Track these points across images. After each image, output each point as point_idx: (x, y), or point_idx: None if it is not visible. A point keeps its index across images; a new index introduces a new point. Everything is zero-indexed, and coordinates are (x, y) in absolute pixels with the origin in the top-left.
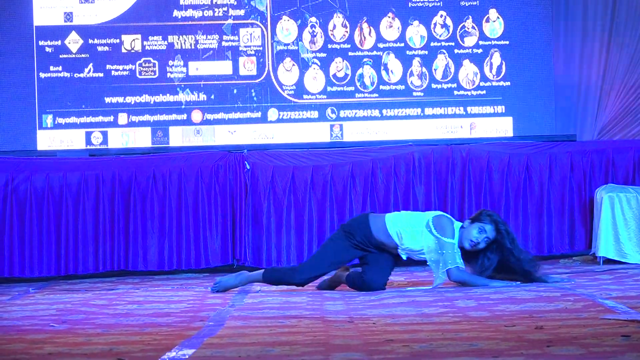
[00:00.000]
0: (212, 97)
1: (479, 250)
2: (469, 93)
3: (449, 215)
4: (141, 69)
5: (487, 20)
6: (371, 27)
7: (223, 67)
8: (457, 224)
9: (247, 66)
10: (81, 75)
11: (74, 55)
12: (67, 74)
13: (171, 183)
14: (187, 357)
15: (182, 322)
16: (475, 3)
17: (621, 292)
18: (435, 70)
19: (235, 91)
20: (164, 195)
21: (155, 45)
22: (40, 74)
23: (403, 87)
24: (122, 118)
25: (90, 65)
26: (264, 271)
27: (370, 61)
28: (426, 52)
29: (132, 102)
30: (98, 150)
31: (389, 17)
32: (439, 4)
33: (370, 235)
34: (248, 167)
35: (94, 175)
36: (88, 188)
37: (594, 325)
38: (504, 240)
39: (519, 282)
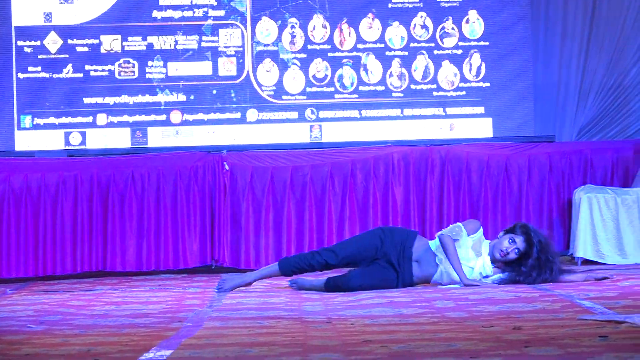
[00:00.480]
0: (192, 97)
1: (512, 261)
2: (448, 94)
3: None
4: (120, 69)
5: (467, 21)
6: (351, 28)
7: (202, 68)
8: (487, 241)
9: (227, 67)
10: (60, 75)
11: (53, 56)
12: (46, 75)
13: (150, 184)
14: (164, 357)
15: (160, 323)
16: (455, 4)
17: (599, 292)
18: (414, 71)
19: (214, 92)
20: (143, 195)
21: (135, 45)
22: (19, 74)
23: (383, 87)
24: (101, 118)
25: (70, 66)
26: (280, 263)
27: (350, 62)
28: (406, 53)
29: (111, 103)
30: (77, 151)
31: (369, 17)
32: (419, 4)
33: (405, 243)
34: (227, 167)
35: (72, 175)
36: (66, 189)
37: (572, 326)
38: (531, 251)
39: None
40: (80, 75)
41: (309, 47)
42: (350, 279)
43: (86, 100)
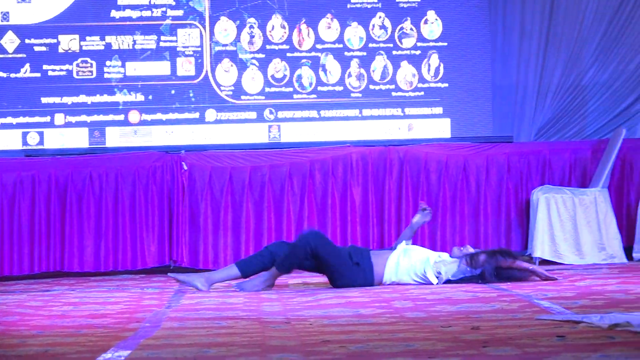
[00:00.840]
0: (150, 97)
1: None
2: (406, 94)
3: None
4: (78, 69)
5: (426, 22)
6: (310, 28)
7: (161, 68)
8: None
9: (185, 67)
10: (17, 75)
11: (10, 55)
12: (3, 74)
13: (108, 184)
14: (122, 358)
15: (118, 323)
16: (413, 5)
17: (556, 292)
18: (373, 71)
19: (173, 92)
20: (101, 195)
21: (93, 45)
22: None
23: (341, 88)
24: (59, 118)
25: (27, 66)
26: (238, 265)
27: (308, 62)
28: (364, 54)
29: (69, 103)
30: (34, 151)
31: (328, 18)
32: (377, 5)
33: (363, 249)
34: (185, 167)
35: (29, 175)
36: (24, 189)
37: (530, 326)
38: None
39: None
40: (38, 75)
41: (268, 47)
42: (308, 233)
43: (44, 100)
